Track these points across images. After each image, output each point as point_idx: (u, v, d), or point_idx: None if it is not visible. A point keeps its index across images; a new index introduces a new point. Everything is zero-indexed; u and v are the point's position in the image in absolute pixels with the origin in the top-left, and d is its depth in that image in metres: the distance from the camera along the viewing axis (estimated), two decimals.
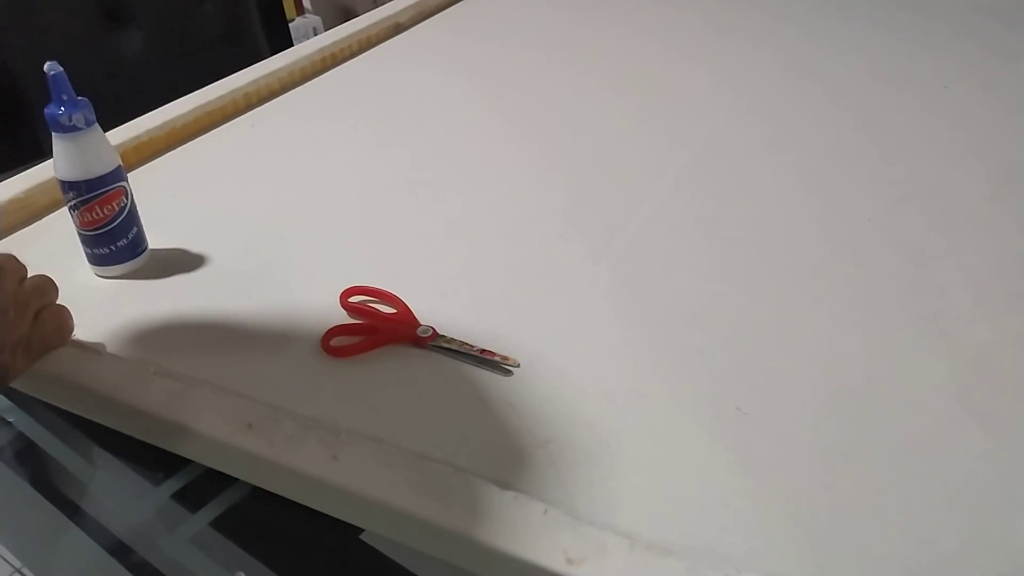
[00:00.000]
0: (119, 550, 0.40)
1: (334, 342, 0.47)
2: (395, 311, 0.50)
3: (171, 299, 0.52)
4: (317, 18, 1.67)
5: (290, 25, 1.30)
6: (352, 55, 0.92)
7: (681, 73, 0.84)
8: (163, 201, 0.63)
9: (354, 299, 0.50)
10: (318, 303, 0.51)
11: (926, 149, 0.67)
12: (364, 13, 0.99)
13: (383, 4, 1.01)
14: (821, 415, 0.41)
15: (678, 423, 0.41)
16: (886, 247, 0.55)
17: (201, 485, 0.42)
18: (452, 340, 0.47)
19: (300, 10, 1.69)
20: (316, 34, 1.65)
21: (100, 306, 0.51)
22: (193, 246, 0.57)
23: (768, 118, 0.74)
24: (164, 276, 0.54)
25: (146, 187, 0.65)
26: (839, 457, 0.39)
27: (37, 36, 0.94)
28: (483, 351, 0.46)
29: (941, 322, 0.48)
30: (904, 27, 0.93)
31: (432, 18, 1.03)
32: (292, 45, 1.28)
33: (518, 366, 0.45)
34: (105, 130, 0.52)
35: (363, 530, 0.40)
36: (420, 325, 0.48)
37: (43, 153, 0.80)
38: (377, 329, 0.47)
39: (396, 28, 0.99)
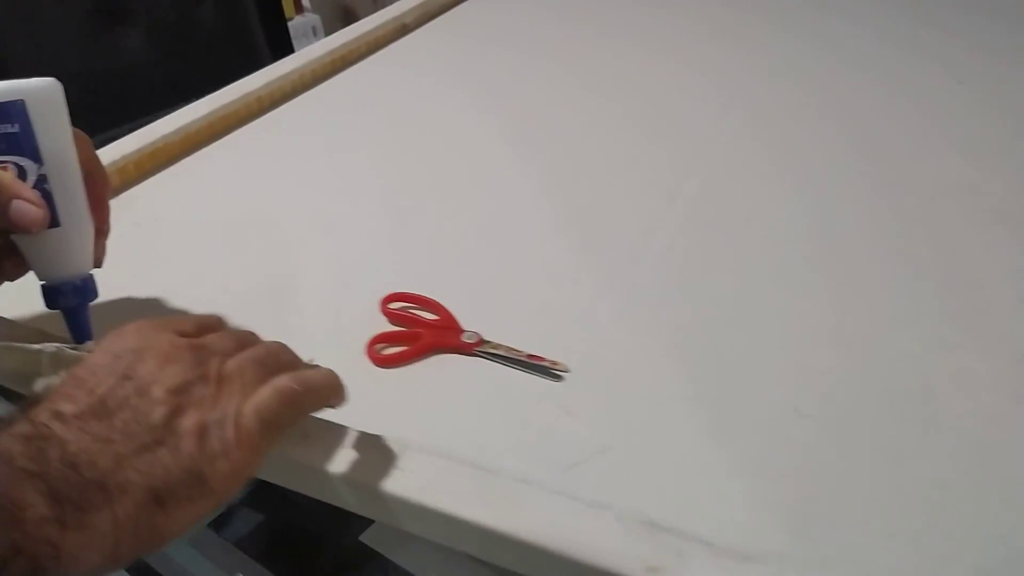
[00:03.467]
0: None
1: (378, 349, 0.46)
2: (437, 317, 0.49)
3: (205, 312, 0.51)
4: (316, 16, 1.65)
5: (289, 24, 1.29)
6: (360, 57, 0.91)
7: (690, 75, 0.84)
8: (185, 208, 0.62)
9: (394, 305, 0.50)
10: (356, 310, 0.50)
11: (949, 145, 0.67)
12: (363, 11, 0.99)
13: (382, 2, 1.00)
14: (881, 415, 0.41)
15: (736, 426, 0.41)
16: (923, 245, 0.55)
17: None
18: (499, 345, 0.46)
19: (299, 8, 1.67)
20: (315, 32, 1.64)
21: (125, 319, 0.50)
22: (221, 255, 0.56)
23: (793, 117, 0.74)
24: (194, 289, 0.53)
25: (165, 193, 0.64)
26: (904, 457, 0.39)
27: (37, 36, 0.92)
28: (531, 356, 0.45)
29: (985, 318, 0.48)
30: (906, 28, 0.93)
31: (438, 18, 1.02)
32: (291, 43, 1.27)
33: (568, 371, 0.44)
34: (104, 130, 0.50)
35: (363, 530, 0.39)
36: (465, 331, 0.47)
37: None
38: (422, 336, 0.47)
39: (402, 29, 0.98)
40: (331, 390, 0.36)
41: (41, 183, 0.39)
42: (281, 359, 0.35)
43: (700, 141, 0.69)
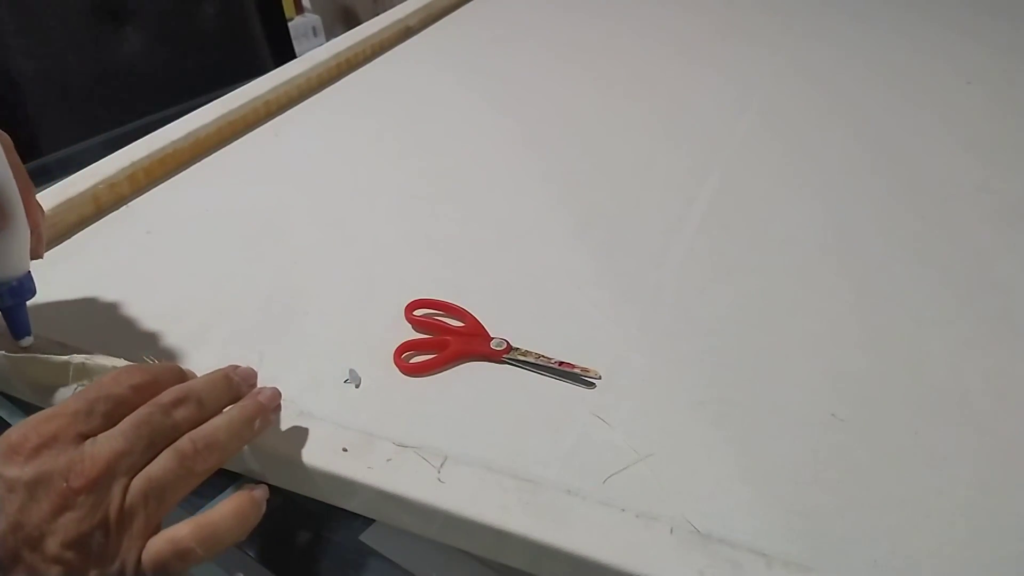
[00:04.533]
0: None
1: (406, 357, 0.45)
2: (463, 324, 0.48)
3: (228, 322, 0.50)
4: (316, 17, 1.63)
5: (289, 24, 1.27)
6: (365, 60, 0.90)
7: (704, 74, 0.84)
8: (198, 215, 0.61)
9: (418, 312, 0.49)
10: (380, 318, 0.49)
11: (960, 144, 0.67)
12: (363, 11, 0.98)
13: (382, 3, 0.99)
14: (919, 419, 0.41)
15: (773, 431, 0.41)
16: (942, 245, 0.55)
17: (198, 486, 0.41)
18: (528, 352, 0.45)
19: (299, 8, 1.66)
20: (315, 33, 1.62)
21: (147, 329, 0.49)
22: (237, 263, 0.55)
23: (806, 116, 0.74)
24: (211, 299, 0.52)
25: (178, 200, 0.63)
26: (943, 461, 0.39)
27: (37, 36, 0.91)
28: (562, 363, 0.45)
29: (1012, 318, 0.48)
30: (915, 27, 0.93)
31: (441, 20, 1.02)
32: (291, 44, 1.25)
33: (599, 377, 0.44)
34: (105, 130, 0.49)
35: (363, 530, 0.39)
36: (493, 338, 0.46)
37: (41, 153, 0.76)
38: (449, 343, 0.46)
39: (406, 32, 0.97)
40: (241, 527, 0.33)
41: None
42: (196, 465, 0.33)
43: (716, 141, 0.69)
